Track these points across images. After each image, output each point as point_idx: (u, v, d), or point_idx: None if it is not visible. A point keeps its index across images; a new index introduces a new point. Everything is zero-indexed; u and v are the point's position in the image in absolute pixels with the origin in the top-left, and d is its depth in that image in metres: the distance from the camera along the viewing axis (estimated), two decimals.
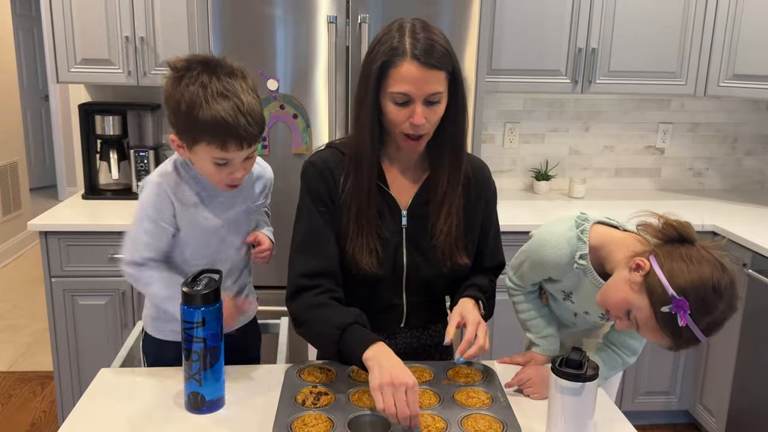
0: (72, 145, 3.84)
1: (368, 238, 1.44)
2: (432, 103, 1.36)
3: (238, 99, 1.32)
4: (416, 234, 1.49)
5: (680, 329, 1.17)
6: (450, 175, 1.46)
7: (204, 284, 1.30)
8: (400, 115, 1.36)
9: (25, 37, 6.57)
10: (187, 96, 1.32)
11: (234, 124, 1.31)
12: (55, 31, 2.69)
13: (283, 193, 1.91)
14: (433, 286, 1.53)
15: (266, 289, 1.82)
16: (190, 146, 1.38)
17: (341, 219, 1.46)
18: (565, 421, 1.20)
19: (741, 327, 2.56)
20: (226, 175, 1.40)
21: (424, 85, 1.33)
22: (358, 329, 1.36)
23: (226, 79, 1.33)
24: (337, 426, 1.23)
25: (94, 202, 2.84)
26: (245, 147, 1.36)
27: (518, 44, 2.79)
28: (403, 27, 1.36)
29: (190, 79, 1.33)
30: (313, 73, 2.39)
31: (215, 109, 1.30)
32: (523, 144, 3.28)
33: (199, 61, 1.35)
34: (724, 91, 2.88)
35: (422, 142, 1.42)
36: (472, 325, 1.42)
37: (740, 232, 2.59)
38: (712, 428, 2.76)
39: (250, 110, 1.33)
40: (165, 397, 1.38)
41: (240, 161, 1.39)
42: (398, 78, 1.33)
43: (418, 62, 1.32)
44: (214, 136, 1.32)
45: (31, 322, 4.04)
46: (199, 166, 1.42)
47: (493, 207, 1.59)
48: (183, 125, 1.36)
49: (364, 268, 1.44)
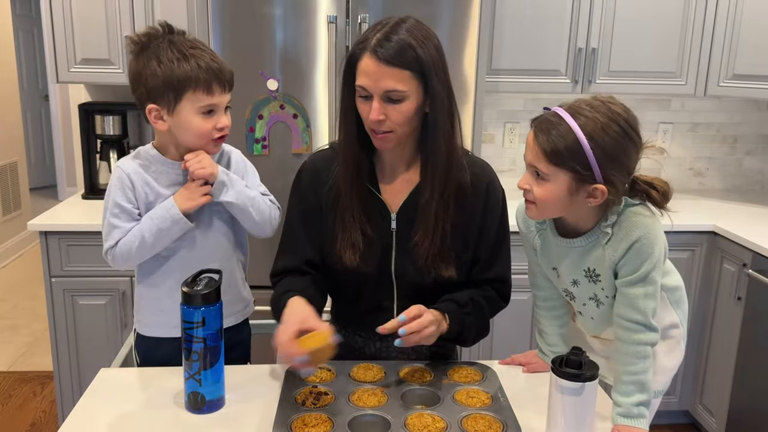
0: (72, 145, 3.84)
1: (351, 234, 1.46)
2: (393, 101, 1.35)
3: (206, 50, 1.45)
4: (406, 238, 1.48)
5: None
6: (433, 185, 1.43)
7: (204, 284, 1.30)
8: (364, 109, 1.39)
9: (25, 37, 6.57)
10: (163, 57, 1.42)
11: (213, 68, 1.42)
12: (55, 31, 2.69)
13: (283, 193, 1.90)
14: (423, 291, 1.48)
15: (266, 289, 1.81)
16: (173, 106, 1.44)
17: (327, 215, 1.49)
18: (565, 421, 1.20)
19: (741, 327, 2.56)
20: (212, 125, 1.46)
21: (380, 81, 1.34)
22: (286, 296, 1.41)
23: (188, 38, 1.46)
24: (338, 426, 1.23)
25: (94, 202, 2.85)
26: (227, 89, 1.46)
27: (518, 44, 2.79)
28: (387, 23, 1.37)
29: (156, 45, 1.43)
30: (313, 73, 2.39)
31: (192, 61, 1.41)
32: (523, 144, 3.27)
33: (156, 29, 1.47)
34: (724, 91, 2.88)
35: (389, 137, 1.40)
36: (407, 312, 1.33)
37: (740, 232, 2.59)
38: (712, 428, 2.76)
39: (218, 58, 1.46)
40: (165, 397, 1.38)
41: (222, 108, 1.47)
42: (359, 72, 1.36)
43: (376, 57, 1.33)
44: (199, 83, 1.41)
45: (31, 322, 4.04)
46: (185, 125, 1.45)
47: (492, 216, 1.50)
48: (163, 87, 1.42)
49: (346, 262, 1.46)
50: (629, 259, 1.29)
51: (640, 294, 1.28)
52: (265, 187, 1.66)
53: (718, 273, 2.72)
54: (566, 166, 1.23)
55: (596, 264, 1.34)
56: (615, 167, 1.23)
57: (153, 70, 1.42)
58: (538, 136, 1.25)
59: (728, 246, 2.65)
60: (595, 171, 1.22)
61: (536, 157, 1.26)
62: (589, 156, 1.21)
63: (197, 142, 1.48)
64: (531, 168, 1.28)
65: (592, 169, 1.22)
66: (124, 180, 1.50)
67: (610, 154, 1.22)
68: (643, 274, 1.28)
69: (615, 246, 1.30)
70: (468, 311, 1.46)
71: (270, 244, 1.68)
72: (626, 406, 1.28)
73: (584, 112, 1.23)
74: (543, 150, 1.23)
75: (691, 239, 2.74)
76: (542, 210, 1.31)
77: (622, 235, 1.29)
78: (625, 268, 1.30)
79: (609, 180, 1.24)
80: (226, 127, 1.48)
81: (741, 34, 2.79)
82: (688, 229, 2.70)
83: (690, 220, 2.75)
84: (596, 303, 1.39)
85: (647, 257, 1.28)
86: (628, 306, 1.30)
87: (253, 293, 1.73)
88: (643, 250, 1.28)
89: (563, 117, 1.23)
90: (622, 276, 1.31)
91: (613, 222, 1.31)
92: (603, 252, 1.32)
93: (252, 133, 2.41)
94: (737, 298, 2.58)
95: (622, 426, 1.28)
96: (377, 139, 1.42)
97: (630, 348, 1.29)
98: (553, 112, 1.27)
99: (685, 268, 2.74)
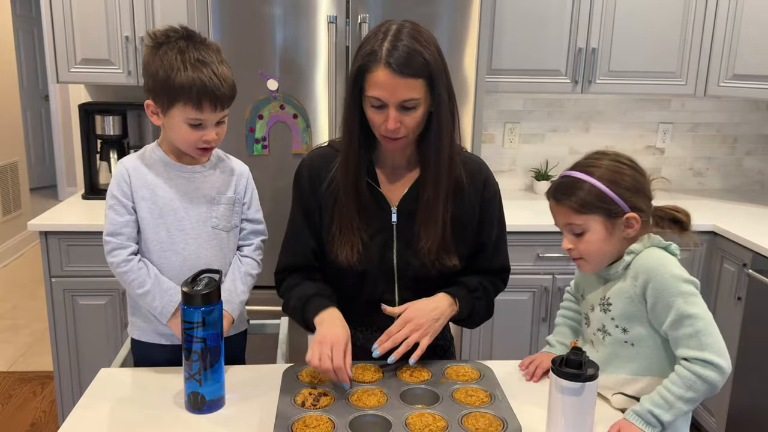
0: (72, 145, 3.85)
1: (348, 235, 1.49)
2: (407, 108, 1.38)
3: (213, 64, 1.45)
4: (406, 231, 1.51)
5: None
6: (434, 178, 1.47)
7: (204, 284, 1.30)
8: (377, 118, 1.41)
9: (25, 38, 6.57)
10: (165, 61, 1.43)
11: (209, 86, 1.42)
12: (55, 31, 2.69)
13: (283, 193, 1.90)
14: (426, 283, 1.52)
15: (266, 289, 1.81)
16: (165, 109, 1.46)
17: (325, 213, 1.52)
18: (565, 421, 1.20)
19: (741, 327, 2.56)
20: (198, 137, 1.47)
21: (397, 92, 1.36)
22: (317, 299, 1.47)
23: (202, 47, 1.46)
24: (338, 427, 1.23)
25: (94, 202, 2.85)
26: (218, 108, 1.46)
27: (518, 44, 2.80)
28: (388, 30, 1.38)
29: (168, 47, 1.44)
30: (313, 73, 2.39)
31: (191, 73, 1.41)
32: (523, 144, 3.28)
33: (176, 31, 1.47)
34: (724, 91, 2.88)
35: (402, 141, 1.44)
36: (400, 319, 1.43)
37: (740, 232, 2.59)
38: (712, 428, 2.76)
39: (223, 75, 1.45)
40: (165, 397, 1.38)
41: (212, 124, 1.47)
42: (372, 83, 1.37)
43: (391, 70, 1.34)
44: (190, 97, 1.42)
45: (31, 322, 4.04)
46: (174, 129, 1.48)
47: (491, 209, 1.57)
48: (160, 89, 1.44)
49: (343, 262, 1.49)
50: (654, 303, 1.29)
51: (689, 333, 1.26)
52: (262, 214, 1.67)
53: (718, 273, 2.72)
54: (596, 210, 1.32)
55: (613, 294, 1.36)
56: (634, 195, 1.33)
57: (155, 71, 1.44)
58: (561, 199, 1.35)
59: (728, 246, 2.65)
60: (620, 204, 1.31)
61: (566, 216, 1.35)
62: (614, 197, 1.31)
63: (183, 147, 1.52)
64: (565, 229, 1.37)
65: (618, 204, 1.31)
66: (123, 174, 1.54)
67: (628, 187, 1.32)
68: (679, 313, 1.27)
69: (632, 282, 1.33)
70: (478, 296, 1.55)
71: (270, 244, 1.68)
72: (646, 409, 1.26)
73: (594, 165, 1.34)
74: (571, 207, 1.33)
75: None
76: (593, 261, 1.36)
77: (635, 273, 1.33)
78: (655, 312, 1.30)
79: (635, 207, 1.33)
80: (213, 141, 1.49)
81: (741, 34, 2.79)
82: None
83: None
84: (603, 334, 1.39)
85: (674, 295, 1.27)
86: (683, 346, 1.27)
87: (252, 293, 1.72)
88: (663, 290, 1.28)
89: (578, 176, 1.33)
90: (660, 323, 1.30)
91: (635, 255, 1.34)
92: (623, 284, 1.35)
93: (252, 133, 2.41)
94: (737, 298, 2.58)
95: (627, 422, 1.26)
96: (391, 144, 1.44)
97: (683, 371, 1.26)
98: (565, 176, 1.35)
99: (685, 268, 2.73)
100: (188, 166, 1.55)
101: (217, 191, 1.57)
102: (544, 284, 2.70)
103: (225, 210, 1.58)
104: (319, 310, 1.45)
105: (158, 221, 1.53)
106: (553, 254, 2.66)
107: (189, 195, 1.55)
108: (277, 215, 1.78)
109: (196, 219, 1.55)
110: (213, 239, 1.57)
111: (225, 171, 1.60)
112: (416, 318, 1.43)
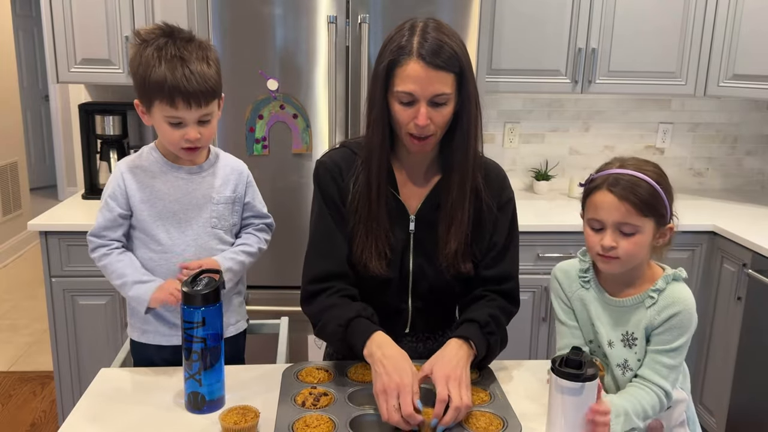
0: (72, 145, 3.84)
1: (377, 242, 1.44)
2: (438, 105, 1.35)
3: (190, 61, 1.41)
4: (424, 239, 1.48)
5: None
6: (460, 182, 1.43)
7: (204, 284, 1.30)
8: (405, 114, 1.36)
9: (25, 37, 6.57)
10: (143, 59, 1.42)
11: (181, 82, 1.39)
12: (55, 31, 2.69)
13: (283, 193, 1.91)
14: (439, 292, 1.50)
15: (266, 289, 1.82)
16: (148, 108, 1.46)
17: (350, 221, 1.46)
18: (565, 421, 1.20)
19: (741, 327, 2.56)
20: (180, 136, 1.46)
21: (429, 86, 1.32)
22: (358, 323, 1.38)
23: (182, 44, 1.43)
24: (339, 426, 1.23)
25: (94, 202, 2.84)
26: (194, 106, 1.42)
27: (518, 44, 2.80)
28: (415, 26, 1.35)
29: (149, 44, 1.43)
30: (313, 73, 2.39)
31: (164, 69, 1.39)
32: (523, 144, 3.28)
33: (161, 29, 1.46)
34: (724, 91, 2.88)
35: (429, 142, 1.40)
36: (440, 381, 1.27)
37: (740, 232, 2.59)
38: (712, 428, 2.76)
39: (199, 72, 1.41)
40: (165, 397, 1.38)
41: (193, 122, 1.45)
42: (403, 77, 1.33)
43: (424, 62, 1.31)
44: (163, 94, 1.40)
45: (31, 322, 4.04)
46: (158, 128, 1.49)
47: (504, 214, 1.51)
48: (140, 87, 1.44)
49: (373, 271, 1.44)
50: (669, 329, 1.34)
51: (669, 364, 1.34)
52: (267, 209, 1.67)
53: (718, 273, 2.72)
54: (653, 214, 1.32)
55: (635, 327, 1.37)
56: (671, 204, 1.36)
57: (136, 69, 1.44)
58: (626, 197, 1.32)
59: (728, 246, 2.65)
60: (668, 212, 1.35)
61: (625, 215, 1.32)
62: (666, 204, 1.34)
63: (170, 147, 1.51)
64: (615, 226, 1.33)
65: (667, 211, 1.35)
66: (117, 178, 1.54)
67: (670, 194, 1.36)
68: (677, 346, 1.34)
69: (658, 311, 1.35)
70: (491, 330, 1.43)
71: (270, 243, 1.68)
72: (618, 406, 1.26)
73: (643, 167, 1.35)
74: (635, 206, 1.31)
75: (691, 239, 2.74)
76: (627, 262, 1.36)
77: (667, 302, 1.35)
78: (662, 336, 1.34)
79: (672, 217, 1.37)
80: (195, 140, 1.47)
81: (741, 34, 2.79)
82: (688, 229, 2.70)
83: (690, 220, 2.74)
84: (623, 370, 1.39)
85: (685, 331, 1.34)
86: (655, 372, 1.34)
87: (252, 293, 1.72)
88: (683, 323, 1.34)
89: (635, 174, 1.33)
90: (656, 344, 1.35)
91: (663, 288, 1.36)
92: (644, 314, 1.36)
93: (252, 133, 2.41)
94: (737, 298, 2.58)
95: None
96: (417, 144, 1.39)
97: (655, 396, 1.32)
98: (628, 174, 1.33)
99: (685, 268, 2.72)
100: (185, 167, 1.55)
101: (216, 191, 1.57)
102: (544, 284, 2.70)
103: (224, 209, 1.58)
104: (366, 338, 1.34)
105: (157, 223, 1.53)
106: (553, 254, 2.66)
107: (187, 195, 1.54)
108: (277, 215, 1.78)
109: (195, 219, 1.55)
110: (213, 239, 1.57)
111: (223, 170, 1.60)
112: (452, 372, 1.29)
